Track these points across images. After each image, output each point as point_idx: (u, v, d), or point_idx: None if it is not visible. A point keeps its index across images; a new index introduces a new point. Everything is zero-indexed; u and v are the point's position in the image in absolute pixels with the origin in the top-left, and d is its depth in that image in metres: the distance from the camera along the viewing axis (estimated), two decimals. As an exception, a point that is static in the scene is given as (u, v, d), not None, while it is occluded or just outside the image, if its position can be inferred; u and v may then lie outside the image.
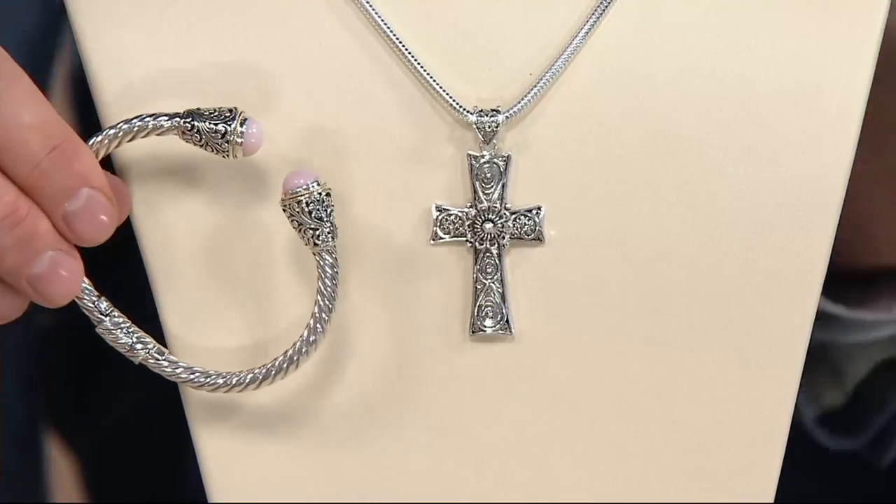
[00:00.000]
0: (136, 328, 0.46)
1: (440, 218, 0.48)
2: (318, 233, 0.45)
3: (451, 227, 0.48)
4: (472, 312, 0.48)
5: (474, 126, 0.47)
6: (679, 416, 0.49)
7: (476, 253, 0.48)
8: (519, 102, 0.47)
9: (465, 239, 0.48)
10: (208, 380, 0.46)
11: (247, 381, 0.46)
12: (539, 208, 0.48)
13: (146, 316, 0.49)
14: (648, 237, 0.48)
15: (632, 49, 0.48)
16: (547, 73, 0.47)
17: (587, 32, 0.47)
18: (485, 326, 0.48)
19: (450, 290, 0.49)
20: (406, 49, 0.47)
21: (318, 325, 0.46)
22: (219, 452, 0.50)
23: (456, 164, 0.48)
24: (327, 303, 0.46)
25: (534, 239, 0.48)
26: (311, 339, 0.46)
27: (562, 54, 0.47)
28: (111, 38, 0.47)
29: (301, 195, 0.45)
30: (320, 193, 0.45)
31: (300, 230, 0.45)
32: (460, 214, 0.48)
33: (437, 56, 0.48)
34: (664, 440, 0.50)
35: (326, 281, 0.46)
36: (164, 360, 0.46)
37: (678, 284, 0.49)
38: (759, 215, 0.48)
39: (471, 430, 0.50)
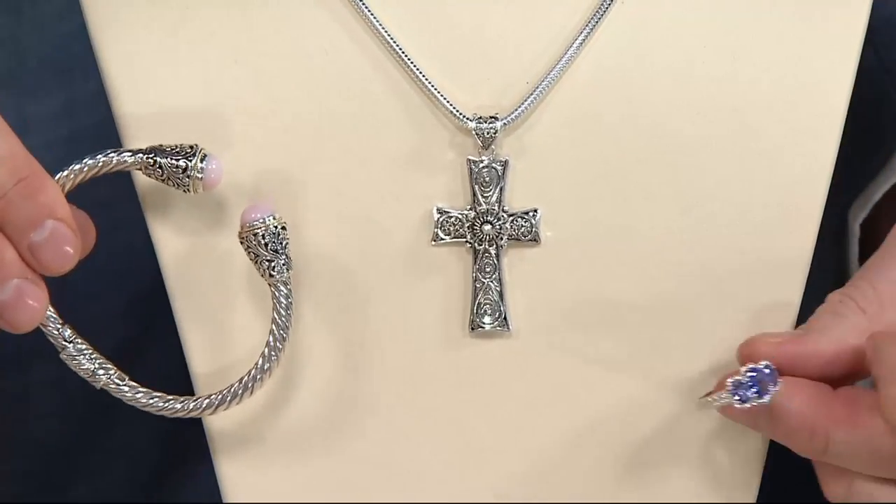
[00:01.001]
0: (99, 355, 0.46)
1: (441, 220, 0.48)
2: (273, 265, 0.46)
3: (451, 229, 0.48)
4: (472, 310, 0.49)
5: (473, 132, 0.47)
6: (672, 412, 0.49)
7: (475, 253, 0.48)
8: (516, 110, 0.47)
9: (464, 240, 0.48)
10: (166, 405, 0.47)
11: (203, 406, 0.47)
12: (535, 211, 0.48)
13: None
14: (641, 238, 0.49)
15: (625, 57, 0.48)
16: (543, 81, 0.47)
17: (582, 42, 0.47)
18: (483, 323, 0.49)
19: (450, 289, 0.49)
20: (408, 58, 0.47)
21: (272, 354, 0.46)
22: (235, 465, 0.51)
23: (456, 169, 0.48)
24: (281, 332, 0.46)
25: (530, 240, 0.48)
26: (265, 367, 0.46)
27: (557, 63, 0.47)
28: (130, 55, 0.48)
29: (258, 228, 0.46)
30: (276, 227, 0.46)
31: (256, 262, 0.46)
32: (460, 216, 0.48)
33: (437, 65, 0.48)
34: (659, 437, 0.50)
35: (281, 311, 0.46)
36: (124, 385, 0.47)
37: (670, 283, 0.49)
38: (747, 216, 0.48)
39: (470, 424, 0.50)
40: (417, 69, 0.47)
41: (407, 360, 0.50)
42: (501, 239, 0.48)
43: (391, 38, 0.47)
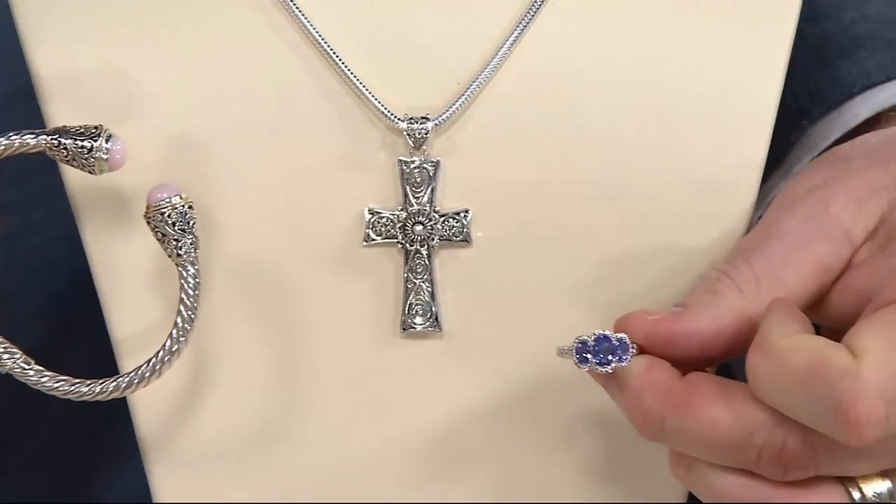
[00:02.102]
0: (4, 339, 0.46)
1: (372, 220, 0.48)
2: (180, 244, 0.46)
3: (382, 230, 0.48)
4: (403, 311, 0.49)
5: (405, 133, 0.47)
6: (607, 408, 0.48)
7: (407, 254, 0.48)
8: (447, 110, 0.47)
9: (396, 240, 0.48)
10: (73, 388, 0.46)
11: (109, 389, 0.46)
12: (467, 211, 0.48)
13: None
14: (571, 238, 0.49)
15: (555, 58, 0.48)
16: (474, 82, 0.47)
17: (513, 43, 0.47)
18: (415, 324, 0.49)
19: (381, 290, 0.49)
20: (339, 59, 0.47)
21: (180, 335, 0.46)
22: (166, 465, 0.51)
23: (387, 169, 0.48)
24: (189, 313, 0.46)
25: (462, 240, 0.48)
26: (172, 349, 0.46)
27: (488, 64, 0.47)
28: (57, 40, 0.47)
29: (164, 208, 0.45)
30: (183, 206, 0.45)
31: (164, 242, 0.46)
32: (392, 217, 0.48)
33: (368, 65, 0.47)
34: (595, 432, 0.50)
35: (189, 291, 0.46)
36: (30, 369, 0.46)
37: (599, 282, 0.49)
38: (675, 216, 0.49)
39: (402, 425, 0.51)
40: (348, 70, 0.47)
41: (338, 361, 0.50)
42: (433, 239, 0.48)
43: (322, 39, 0.47)
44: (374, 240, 0.48)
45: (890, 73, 0.52)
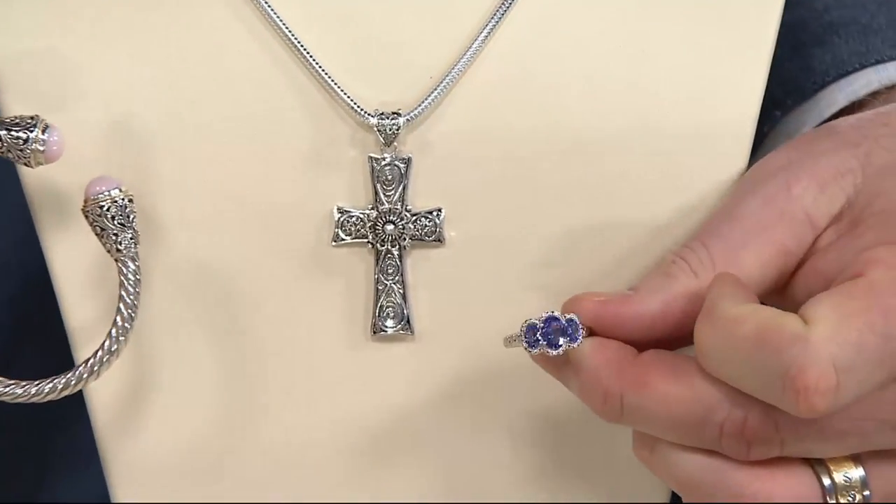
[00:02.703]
0: None
1: (342, 220, 0.48)
2: (120, 239, 0.45)
3: (352, 229, 0.48)
4: (374, 313, 0.49)
5: (375, 129, 0.47)
6: (585, 413, 0.47)
7: (377, 254, 0.48)
8: (419, 105, 0.47)
9: (366, 240, 0.48)
10: (7, 389, 0.45)
11: (45, 391, 0.45)
12: (439, 210, 0.48)
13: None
14: (547, 238, 0.48)
15: (530, 53, 0.47)
16: (447, 76, 0.47)
17: (486, 36, 0.46)
18: (386, 327, 0.49)
19: (351, 292, 0.49)
20: (307, 52, 0.46)
21: (119, 335, 0.45)
22: (123, 460, 0.50)
23: (357, 167, 0.48)
24: (129, 312, 0.45)
25: (434, 240, 0.48)
26: (112, 349, 0.45)
27: (462, 58, 0.47)
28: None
29: (103, 201, 0.45)
30: (123, 199, 0.45)
31: (102, 237, 0.45)
32: (362, 216, 0.48)
33: (338, 59, 0.47)
34: (570, 438, 0.50)
35: (129, 288, 0.45)
36: None
37: (575, 285, 0.48)
38: (657, 218, 0.48)
39: (372, 430, 0.50)
40: (317, 64, 0.47)
41: (307, 364, 0.49)
42: (404, 239, 0.48)
43: (290, 33, 0.46)
44: (343, 240, 0.48)
45: (864, 61, 0.52)
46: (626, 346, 0.42)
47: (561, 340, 0.42)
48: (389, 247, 0.48)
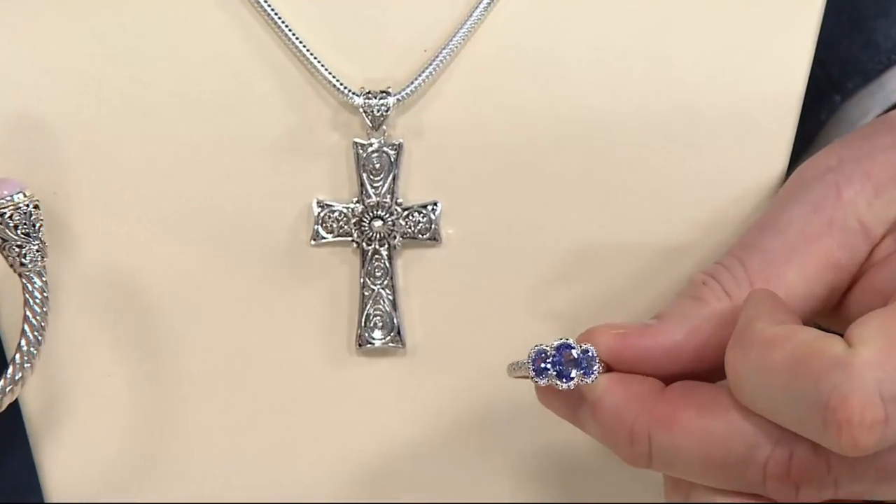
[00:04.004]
0: None
1: (322, 215, 0.47)
2: (24, 251, 0.43)
3: (334, 226, 0.47)
4: (359, 323, 0.48)
5: (361, 110, 0.46)
6: (590, 449, 0.49)
7: (363, 255, 0.47)
8: (412, 83, 0.46)
9: (350, 239, 0.47)
10: None
11: None
12: (435, 204, 0.47)
13: None
14: (556, 236, 0.47)
15: (538, 24, 0.46)
16: (444, 49, 0.45)
17: (489, 4, 0.45)
18: (373, 339, 0.48)
19: (333, 298, 0.48)
20: (283, 23, 0.45)
21: (25, 361, 0.44)
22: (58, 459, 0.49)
23: (340, 154, 0.47)
24: (36, 334, 0.44)
25: (429, 238, 0.47)
26: (16, 378, 0.44)
27: (460, 28, 0.45)
28: None
29: (4, 208, 0.43)
30: (27, 206, 0.43)
31: (4, 248, 0.43)
32: (345, 211, 0.47)
33: (318, 31, 0.46)
34: (574, 479, 0.50)
35: (35, 308, 0.44)
36: None
37: (588, 289, 0.48)
38: (681, 216, 0.47)
39: (358, 456, 0.49)
40: (294, 36, 0.45)
41: (283, 383, 0.48)
42: (394, 237, 0.47)
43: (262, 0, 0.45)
44: (323, 238, 0.47)
45: None
46: (651, 379, 0.41)
47: (573, 372, 0.40)
48: (377, 246, 0.47)
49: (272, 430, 0.49)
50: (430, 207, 0.47)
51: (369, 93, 0.45)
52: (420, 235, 0.47)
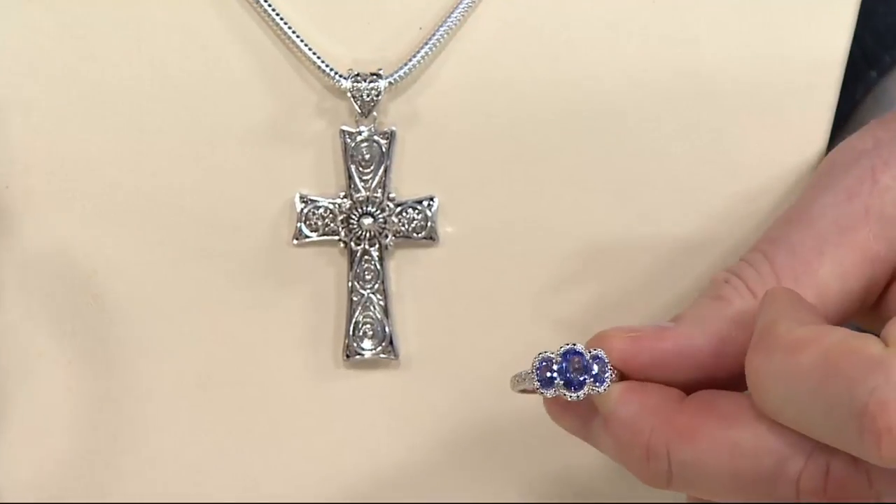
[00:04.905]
0: None
1: (306, 211, 0.46)
2: None
3: (319, 223, 0.46)
4: (347, 332, 0.47)
5: (349, 94, 0.45)
6: (601, 472, 0.48)
7: (351, 255, 0.46)
8: (406, 64, 0.45)
9: (337, 238, 0.46)
10: None
11: None
12: (431, 199, 0.46)
13: None
14: (565, 233, 0.46)
15: None
16: (441, 27, 0.44)
17: None
18: (362, 349, 0.47)
19: (318, 304, 0.47)
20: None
21: None
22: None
23: (326, 143, 0.46)
24: None
25: (425, 237, 0.46)
26: None
27: (459, 4, 0.44)
28: None
29: None
30: None
31: None
32: (331, 207, 0.46)
33: (301, 6, 0.44)
34: (573, 489, 0.49)
35: None
36: None
37: (600, 291, 0.47)
38: (706, 210, 0.46)
39: (345, 476, 0.48)
40: (274, 11, 0.44)
41: (261, 399, 0.47)
42: (386, 236, 0.46)
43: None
44: (307, 237, 0.46)
45: None
46: (669, 388, 0.40)
47: (584, 379, 0.39)
48: (367, 246, 0.46)
49: (248, 452, 0.48)
50: (425, 203, 0.46)
51: (358, 75, 0.44)
52: (414, 234, 0.46)
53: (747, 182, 0.46)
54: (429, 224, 0.46)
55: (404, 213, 0.46)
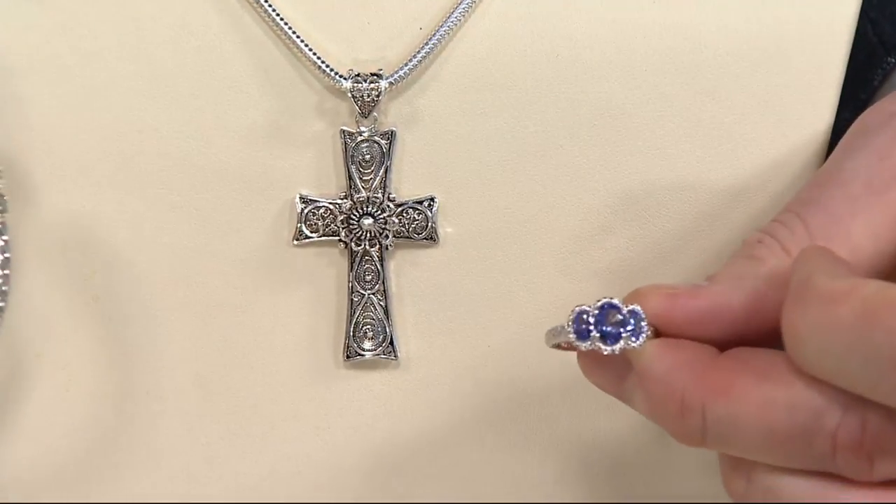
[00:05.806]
0: None
1: (306, 212, 0.46)
2: None
3: (319, 224, 0.46)
4: (347, 332, 0.47)
5: (349, 95, 0.45)
6: (596, 457, 0.47)
7: (352, 256, 0.46)
8: (406, 64, 0.44)
9: (337, 238, 0.46)
10: None
11: None
12: (432, 199, 0.46)
13: None
14: (570, 234, 0.46)
15: None
16: (441, 27, 0.44)
17: None
18: (363, 350, 0.47)
19: (318, 304, 0.47)
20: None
21: None
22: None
23: (326, 144, 0.45)
24: None
25: (425, 238, 0.46)
26: None
27: (459, 3, 0.44)
28: None
29: None
30: None
31: None
32: (331, 207, 0.46)
33: (301, 6, 0.45)
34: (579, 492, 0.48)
35: None
36: None
37: (602, 292, 0.43)
38: (710, 209, 0.46)
39: (342, 480, 0.48)
40: (274, 11, 0.44)
41: (261, 399, 0.47)
42: (386, 237, 0.46)
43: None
44: (307, 237, 0.46)
45: None
46: (704, 345, 0.39)
47: (620, 332, 0.38)
48: (367, 246, 0.46)
49: (248, 452, 0.48)
50: (426, 203, 0.46)
51: (358, 75, 0.44)
52: (415, 234, 0.46)
53: (747, 179, 0.46)
54: (429, 224, 0.46)
55: (405, 214, 0.46)
